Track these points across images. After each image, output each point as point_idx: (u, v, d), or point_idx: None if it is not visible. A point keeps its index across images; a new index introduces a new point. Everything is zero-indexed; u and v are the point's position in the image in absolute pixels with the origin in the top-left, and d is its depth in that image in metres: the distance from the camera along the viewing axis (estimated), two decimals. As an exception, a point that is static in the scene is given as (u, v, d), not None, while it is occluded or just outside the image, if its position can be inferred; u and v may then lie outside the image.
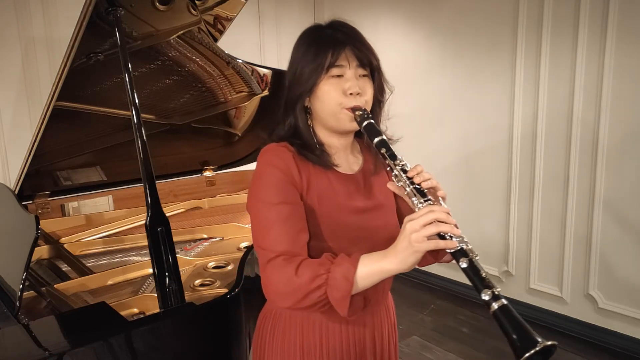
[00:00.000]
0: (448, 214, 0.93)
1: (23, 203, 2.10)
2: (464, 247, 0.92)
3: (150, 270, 1.71)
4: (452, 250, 0.92)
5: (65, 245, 2.10)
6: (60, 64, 1.78)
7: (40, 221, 1.66)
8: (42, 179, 2.29)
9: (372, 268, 0.96)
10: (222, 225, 2.30)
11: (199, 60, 2.25)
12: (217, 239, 2.25)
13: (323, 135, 1.15)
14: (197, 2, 2.03)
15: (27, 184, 2.21)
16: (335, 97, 1.07)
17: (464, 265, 0.91)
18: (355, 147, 1.23)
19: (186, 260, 1.96)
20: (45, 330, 1.34)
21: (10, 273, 1.53)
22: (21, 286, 1.41)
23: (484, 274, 0.89)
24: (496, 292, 0.88)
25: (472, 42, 3.26)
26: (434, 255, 1.11)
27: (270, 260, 1.01)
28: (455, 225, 0.94)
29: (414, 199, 0.99)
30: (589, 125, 2.78)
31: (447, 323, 3.21)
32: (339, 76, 1.08)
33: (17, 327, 1.36)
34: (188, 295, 1.61)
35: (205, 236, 2.27)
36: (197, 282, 1.80)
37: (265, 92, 2.51)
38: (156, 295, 1.50)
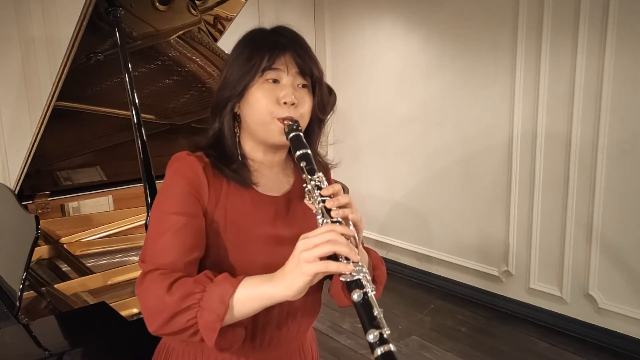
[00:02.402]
0: (354, 237, 0.84)
1: (23, 203, 2.10)
2: (361, 278, 0.80)
3: (150, 270, 1.70)
4: (347, 280, 0.80)
5: (65, 245, 2.10)
6: (60, 64, 1.78)
7: (40, 221, 1.66)
8: (42, 179, 2.29)
9: (253, 292, 0.83)
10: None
11: (199, 60, 2.25)
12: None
13: (249, 147, 1.03)
14: (197, 2, 2.03)
15: (27, 184, 2.21)
16: (266, 105, 0.95)
17: (357, 298, 0.78)
18: (288, 168, 1.09)
19: (186, 260, 1.96)
20: (45, 330, 1.34)
21: (10, 273, 1.53)
22: (21, 286, 1.41)
23: (376, 312, 0.77)
24: (385, 336, 0.75)
25: (472, 43, 3.26)
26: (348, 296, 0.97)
27: (147, 274, 0.88)
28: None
29: (319, 217, 0.87)
30: (589, 125, 2.77)
31: (446, 323, 3.21)
32: (274, 81, 0.97)
33: (17, 327, 1.36)
34: (188, 295, 1.60)
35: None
36: (197, 282, 1.79)
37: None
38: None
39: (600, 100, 2.70)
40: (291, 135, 0.95)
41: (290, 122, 0.95)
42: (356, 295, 0.78)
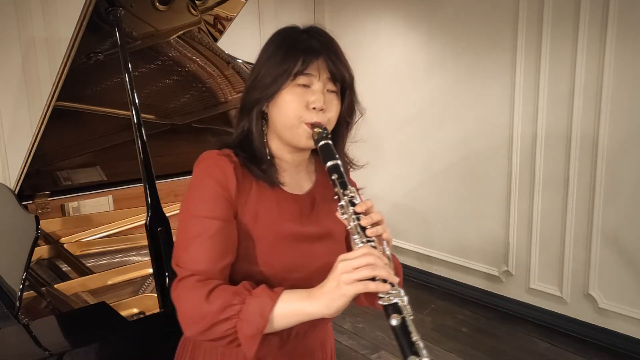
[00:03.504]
0: (387, 263, 0.85)
1: (23, 203, 2.10)
2: (399, 302, 0.81)
3: (150, 270, 1.71)
4: (385, 303, 0.82)
5: (65, 245, 2.10)
6: (60, 64, 1.78)
7: (40, 221, 1.66)
8: (42, 179, 2.29)
9: (292, 307, 0.85)
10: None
11: (199, 60, 2.25)
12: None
13: (275, 146, 1.03)
14: (197, 2, 2.03)
15: (27, 184, 2.21)
16: (295, 109, 0.96)
17: (395, 323, 0.79)
18: (310, 165, 1.11)
19: (186, 260, 1.96)
20: (45, 330, 1.34)
21: (10, 273, 1.53)
22: (21, 286, 1.42)
23: (415, 337, 0.79)
24: None
25: (472, 42, 3.26)
26: (369, 300, 0.98)
27: (182, 279, 0.90)
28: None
29: (355, 236, 0.88)
30: (589, 125, 2.77)
31: (447, 323, 3.21)
32: (304, 86, 0.97)
33: (17, 327, 1.36)
34: (188, 295, 1.60)
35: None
36: (197, 282, 1.79)
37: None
38: (156, 295, 1.50)
39: (601, 98, 2.70)
40: (321, 143, 0.95)
41: (319, 130, 0.96)
42: (395, 321, 0.80)
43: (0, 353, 1.23)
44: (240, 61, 2.33)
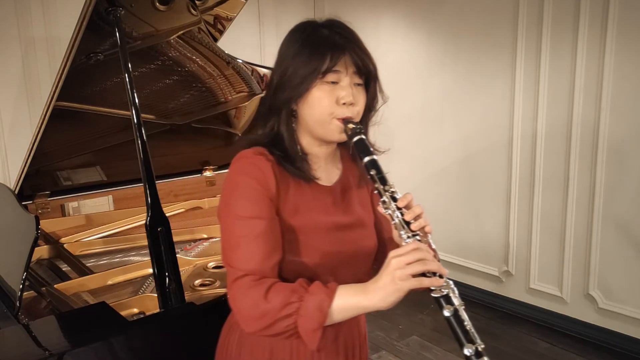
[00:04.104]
0: (434, 256, 0.90)
1: (23, 203, 2.10)
2: (451, 294, 0.88)
3: (150, 270, 1.71)
4: (437, 295, 0.88)
5: (65, 245, 2.10)
6: (60, 64, 1.78)
7: (40, 221, 1.66)
8: (42, 179, 2.29)
9: (348, 302, 0.90)
10: (222, 225, 2.29)
11: (199, 60, 2.25)
12: (217, 239, 2.25)
13: (306, 142, 1.05)
14: (197, 2, 2.03)
15: (27, 184, 2.21)
16: (327, 106, 0.98)
17: (448, 314, 0.87)
18: (336, 156, 1.14)
19: (186, 260, 1.96)
20: (45, 330, 1.34)
21: (10, 273, 1.53)
22: (21, 286, 1.42)
23: (468, 326, 0.86)
24: (480, 349, 0.84)
25: (472, 42, 3.26)
26: None
27: (237, 279, 0.94)
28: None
29: (402, 231, 0.92)
30: (589, 125, 2.77)
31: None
32: (333, 82, 0.98)
33: (17, 327, 1.36)
34: (188, 295, 1.61)
35: (205, 236, 2.27)
36: (197, 282, 1.80)
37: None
38: (156, 295, 1.50)
39: (600, 100, 2.70)
40: (355, 139, 0.98)
41: (353, 125, 0.99)
42: (447, 312, 0.87)
43: (0, 353, 1.23)
44: (240, 61, 2.33)
